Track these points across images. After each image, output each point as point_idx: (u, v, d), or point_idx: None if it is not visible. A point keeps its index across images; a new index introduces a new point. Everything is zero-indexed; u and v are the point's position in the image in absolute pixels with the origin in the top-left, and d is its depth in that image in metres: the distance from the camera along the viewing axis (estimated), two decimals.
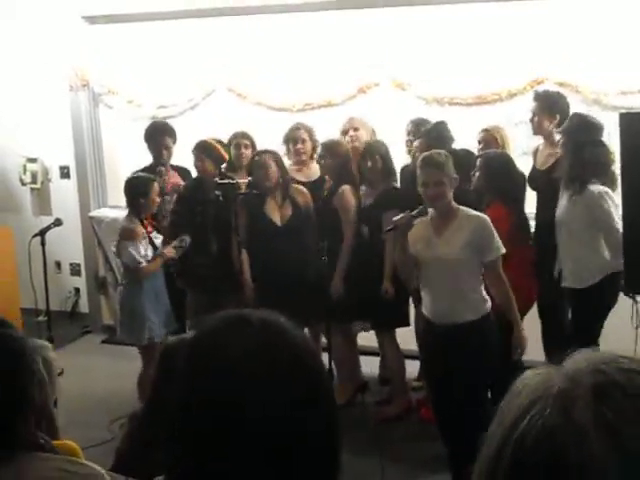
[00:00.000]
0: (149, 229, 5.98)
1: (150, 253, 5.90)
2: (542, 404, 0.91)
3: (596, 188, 5.21)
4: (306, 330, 6.32)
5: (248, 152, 6.59)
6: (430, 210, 4.85)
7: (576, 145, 5.29)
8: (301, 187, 6.34)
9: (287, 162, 6.49)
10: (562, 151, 5.47)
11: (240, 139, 6.66)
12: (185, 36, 7.87)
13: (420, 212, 4.91)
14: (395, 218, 4.97)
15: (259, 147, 6.54)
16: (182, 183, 6.69)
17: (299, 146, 6.54)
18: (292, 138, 6.57)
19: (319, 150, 6.32)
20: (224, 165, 6.46)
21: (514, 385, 0.99)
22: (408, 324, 6.06)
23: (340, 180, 6.13)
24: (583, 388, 0.91)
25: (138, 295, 5.97)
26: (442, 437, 5.12)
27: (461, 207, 4.82)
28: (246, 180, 6.12)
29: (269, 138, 6.64)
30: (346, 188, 6.09)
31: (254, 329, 1.35)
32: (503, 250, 4.73)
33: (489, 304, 4.79)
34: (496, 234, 4.72)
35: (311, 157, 6.67)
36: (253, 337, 1.33)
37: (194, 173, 6.61)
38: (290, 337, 1.37)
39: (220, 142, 6.43)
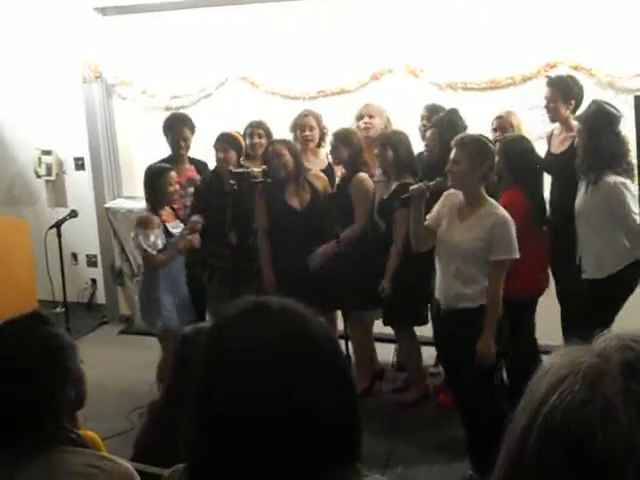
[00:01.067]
0: (164, 219, 5.98)
1: (160, 242, 5.90)
2: (571, 380, 0.92)
3: (612, 179, 5.17)
4: (322, 318, 6.36)
5: (263, 141, 6.54)
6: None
7: (592, 134, 5.24)
8: (320, 173, 6.33)
9: None
10: (578, 139, 5.43)
11: (255, 128, 6.61)
12: (197, 25, 7.86)
13: (437, 183, 4.93)
14: (412, 187, 4.99)
15: (274, 136, 6.50)
16: (197, 177, 6.67)
17: (307, 133, 6.51)
18: (300, 125, 6.54)
19: (331, 140, 6.26)
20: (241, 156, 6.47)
21: (543, 363, 1.00)
22: (424, 322, 5.94)
23: (353, 169, 6.12)
24: (612, 364, 0.91)
25: (154, 283, 6.01)
26: (461, 418, 5.15)
27: (491, 201, 4.79)
28: (260, 169, 6.11)
29: (282, 126, 6.61)
30: (361, 175, 6.08)
31: (273, 316, 1.35)
32: (515, 255, 4.66)
33: None
34: (514, 237, 4.65)
35: (319, 145, 6.65)
36: (272, 324, 1.33)
37: (211, 166, 6.59)
38: (309, 324, 1.37)
39: (238, 133, 6.45)
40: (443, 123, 5.90)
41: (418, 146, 6.31)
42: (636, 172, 5.20)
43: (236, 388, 1.29)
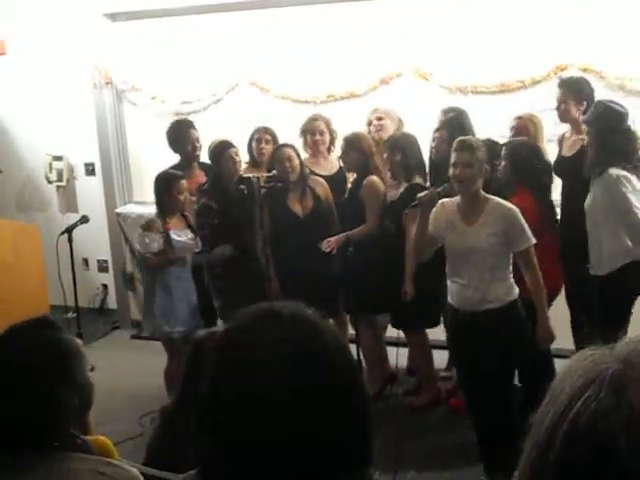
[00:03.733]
0: (171, 226, 5.98)
1: (156, 246, 5.92)
2: (597, 386, 0.92)
3: (615, 172, 5.15)
4: (331, 321, 6.37)
5: (269, 147, 6.54)
6: (458, 197, 4.85)
7: (601, 134, 5.24)
8: (319, 178, 6.34)
9: (304, 155, 6.47)
10: (587, 140, 5.42)
11: (262, 134, 6.62)
12: (207, 31, 7.87)
13: (445, 190, 4.94)
14: (420, 194, 4.98)
15: (283, 141, 6.50)
16: None
17: (317, 137, 6.52)
18: (310, 129, 6.55)
19: (342, 145, 6.25)
20: (245, 161, 6.48)
21: (566, 366, 1.00)
22: (435, 324, 6.01)
23: (364, 174, 6.12)
24: (637, 371, 0.91)
25: (149, 288, 6.14)
26: (473, 422, 5.13)
27: (492, 197, 4.82)
28: (269, 174, 6.11)
29: (292, 131, 6.62)
30: (373, 178, 6.08)
31: (284, 323, 1.35)
32: (533, 240, 4.73)
33: (516, 291, 4.79)
34: (526, 224, 4.71)
35: (329, 150, 6.65)
36: (283, 331, 1.33)
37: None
38: (321, 331, 1.37)
39: None
40: (453, 124, 5.90)
41: (428, 150, 6.31)
42: None
43: (246, 394, 1.29)
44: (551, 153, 5.96)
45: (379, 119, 6.48)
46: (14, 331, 2.41)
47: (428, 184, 5.91)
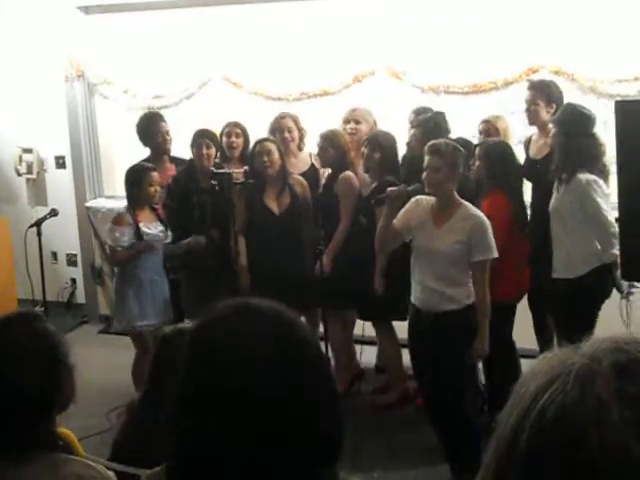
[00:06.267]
0: (142, 219, 5.96)
1: (127, 240, 5.90)
2: (562, 380, 0.92)
3: (584, 176, 5.18)
4: (303, 318, 6.37)
5: (240, 141, 6.55)
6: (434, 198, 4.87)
7: (567, 136, 5.27)
8: (300, 177, 6.34)
9: None
10: (553, 141, 5.46)
11: (232, 128, 6.59)
12: (180, 25, 7.84)
13: (415, 188, 4.96)
14: (390, 189, 5.01)
15: (255, 137, 6.46)
16: None
17: (286, 135, 6.51)
18: (278, 127, 6.54)
19: (318, 141, 6.26)
20: (218, 154, 6.47)
21: (530, 366, 1.00)
22: (404, 318, 5.99)
23: (340, 169, 6.14)
24: (604, 365, 0.92)
25: (120, 282, 6.14)
26: (432, 424, 5.17)
27: (465, 203, 4.84)
28: (242, 170, 6.09)
29: (265, 127, 6.61)
30: (348, 174, 6.11)
31: (256, 318, 1.35)
32: (494, 254, 4.74)
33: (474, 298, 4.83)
34: (491, 237, 4.73)
35: (299, 147, 6.65)
36: (254, 326, 1.33)
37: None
38: (291, 326, 1.37)
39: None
40: (429, 124, 5.92)
41: (403, 149, 6.33)
42: (612, 174, 5.22)
43: (218, 390, 1.29)
44: (520, 155, 5.99)
45: (357, 122, 6.45)
46: (3, 324, 2.40)
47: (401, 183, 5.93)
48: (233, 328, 1.34)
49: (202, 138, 6.32)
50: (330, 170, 6.30)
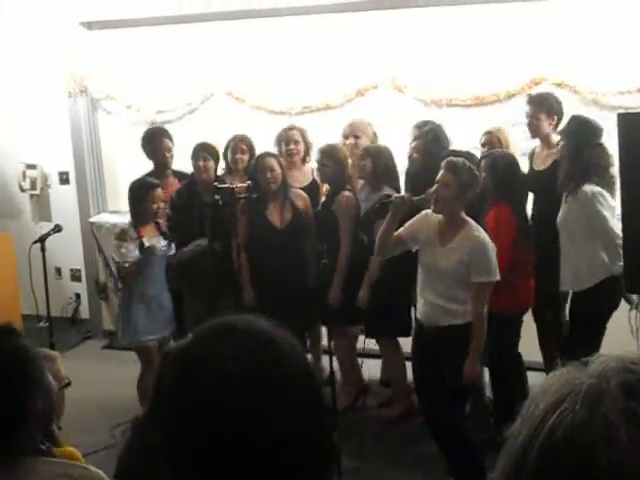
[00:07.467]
0: (144, 233, 5.96)
1: (131, 255, 5.90)
2: (571, 400, 0.92)
3: (590, 188, 5.18)
4: (306, 333, 6.36)
5: (245, 157, 6.53)
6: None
7: (575, 148, 5.27)
8: (301, 192, 6.32)
9: None
10: (561, 153, 5.45)
11: (238, 142, 6.59)
12: (183, 41, 7.87)
13: (420, 201, 4.93)
14: (396, 195, 5.02)
15: (258, 151, 6.44)
16: None
17: (292, 147, 6.50)
18: (284, 138, 6.53)
19: (317, 156, 6.25)
20: (222, 168, 6.47)
21: (539, 384, 1.00)
22: (407, 334, 5.86)
23: (339, 186, 6.12)
24: (612, 385, 0.92)
25: (125, 297, 6.13)
26: (433, 439, 5.14)
27: (471, 222, 4.81)
28: (245, 184, 6.08)
29: (268, 141, 6.61)
30: (346, 194, 6.08)
31: (238, 336, 1.35)
32: (495, 277, 4.69)
33: None
34: (492, 259, 4.68)
35: (303, 160, 6.64)
36: (239, 347, 1.33)
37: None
38: (277, 346, 1.37)
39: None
40: (428, 137, 5.93)
41: (404, 163, 6.32)
42: (618, 186, 5.22)
43: (203, 411, 1.29)
44: (523, 167, 5.99)
45: (356, 137, 6.45)
46: None
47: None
48: (208, 351, 1.34)
49: (200, 151, 6.34)
50: (329, 186, 6.28)
